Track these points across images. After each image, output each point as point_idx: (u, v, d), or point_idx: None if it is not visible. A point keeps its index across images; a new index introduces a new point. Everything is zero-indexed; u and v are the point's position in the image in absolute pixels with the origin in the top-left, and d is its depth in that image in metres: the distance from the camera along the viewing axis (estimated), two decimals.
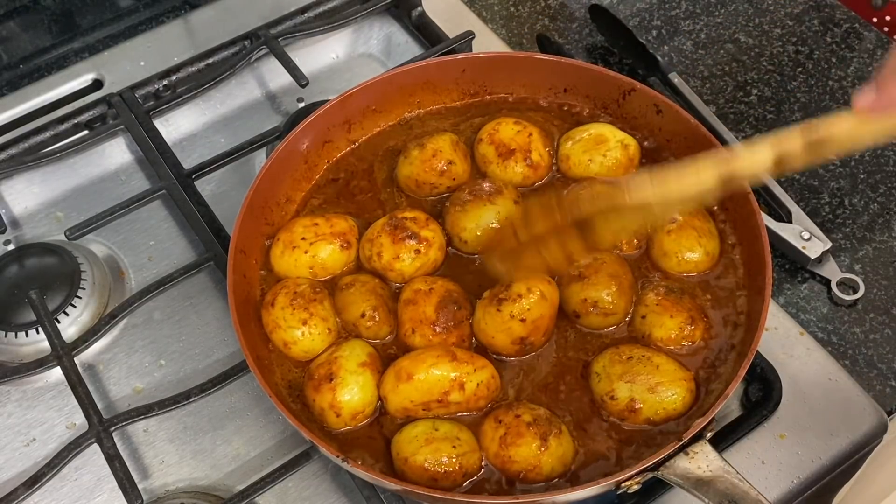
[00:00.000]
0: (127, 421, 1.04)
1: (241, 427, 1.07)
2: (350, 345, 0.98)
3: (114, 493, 1.01)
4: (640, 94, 1.12)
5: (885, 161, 1.26)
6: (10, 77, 1.39)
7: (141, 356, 1.13)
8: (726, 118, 1.31)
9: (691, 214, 1.05)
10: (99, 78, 1.38)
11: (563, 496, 0.88)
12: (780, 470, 1.02)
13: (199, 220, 1.19)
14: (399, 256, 1.03)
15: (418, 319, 0.99)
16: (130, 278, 1.20)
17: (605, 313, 1.00)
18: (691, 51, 1.39)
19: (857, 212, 1.22)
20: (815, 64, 1.37)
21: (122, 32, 1.44)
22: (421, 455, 0.91)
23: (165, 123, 1.32)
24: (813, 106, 1.32)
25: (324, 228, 1.06)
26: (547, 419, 0.93)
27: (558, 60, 1.16)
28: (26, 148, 1.28)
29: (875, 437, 1.04)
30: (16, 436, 1.08)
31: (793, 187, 1.24)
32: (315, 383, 0.96)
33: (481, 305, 1.00)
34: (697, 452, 0.88)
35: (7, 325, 1.12)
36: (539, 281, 0.98)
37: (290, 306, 1.00)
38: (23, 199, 1.27)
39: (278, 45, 1.33)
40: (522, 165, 1.11)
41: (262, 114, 1.35)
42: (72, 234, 1.18)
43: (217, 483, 1.04)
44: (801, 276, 1.17)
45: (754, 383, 1.08)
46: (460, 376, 0.94)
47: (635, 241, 1.06)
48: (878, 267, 1.17)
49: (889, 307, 1.14)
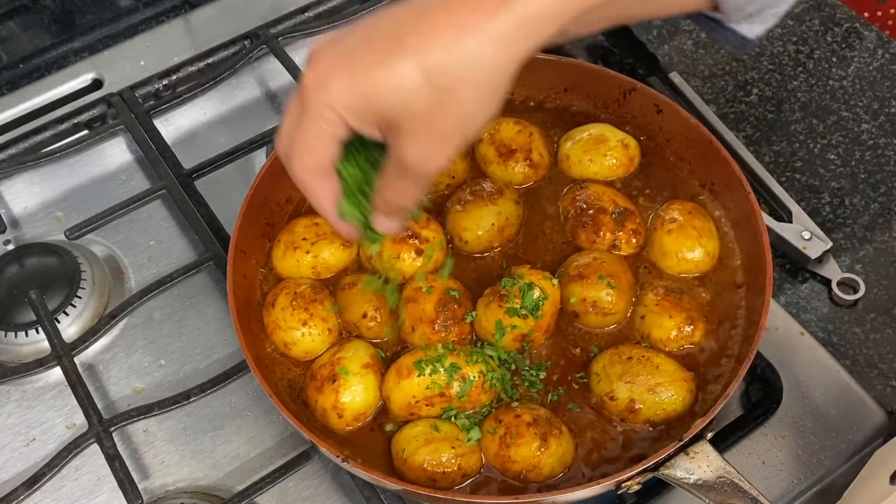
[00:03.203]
0: (127, 421, 1.04)
1: (241, 427, 1.07)
2: (352, 346, 0.98)
3: (114, 493, 1.01)
4: (641, 94, 1.12)
5: (885, 161, 1.26)
6: (10, 77, 1.39)
7: (141, 356, 1.13)
8: (726, 118, 1.31)
9: (691, 214, 1.05)
10: (99, 78, 1.38)
11: (563, 496, 0.88)
12: (780, 470, 1.02)
13: (199, 220, 1.19)
14: (400, 256, 1.03)
15: (418, 317, 0.99)
16: (130, 278, 1.20)
17: (605, 313, 1.00)
18: (692, 50, 1.39)
19: (858, 212, 1.22)
20: (816, 63, 1.37)
21: (122, 32, 1.44)
22: (420, 455, 0.91)
23: (165, 123, 1.32)
24: (813, 105, 1.32)
25: (324, 228, 1.06)
26: (547, 419, 0.93)
27: (558, 60, 1.16)
28: (26, 148, 1.28)
29: (875, 437, 1.04)
30: (16, 436, 1.08)
31: (793, 187, 1.24)
32: (317, 384, 0.96)
33: (482, 303, 1.00)
34: (698, 452, 0.88)
35: (7, 325, 1.12)
36: (540, 279, 0.98)
37: (291, 307, 1.00)
38: (23, 198, 1.27)
39: (278, 45, 1.33)
40: (523, 165, 1.11)
41: (262, 114, 1.35)
42: (72, 234, 1.18)
43: (217, 483, 1.04)
44: (802, 276, 1.17)
45: (755, 383, 1.08)
46: (462, 372, 0.94)
47: (635, 240, 1.06)
48: (878, 267, 1.17)
49: (889, 307, 1.14)
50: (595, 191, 1.08)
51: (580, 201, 1.07)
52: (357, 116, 0.73)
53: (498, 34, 0.69)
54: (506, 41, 0.69)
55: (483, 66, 0.70)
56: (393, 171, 0.77)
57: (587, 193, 1.08)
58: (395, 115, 0.71)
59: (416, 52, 0.69)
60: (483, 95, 0.72)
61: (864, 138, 1.28)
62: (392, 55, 0.70)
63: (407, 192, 0.79)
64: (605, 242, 1.05)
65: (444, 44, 0.69)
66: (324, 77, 0.72)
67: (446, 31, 0.69)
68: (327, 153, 0.76)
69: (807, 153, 1.28)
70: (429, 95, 0.70)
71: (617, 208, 1.06)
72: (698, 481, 0.86)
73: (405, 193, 0.80)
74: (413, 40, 0.70)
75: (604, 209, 1.06)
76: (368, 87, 0.71)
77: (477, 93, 0.71)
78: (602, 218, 1.05)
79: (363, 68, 0.71)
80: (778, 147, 1.28)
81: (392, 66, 0.70)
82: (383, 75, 0.70)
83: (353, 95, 0.71)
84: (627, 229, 1.05)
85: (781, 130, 1.30)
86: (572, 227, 1.07)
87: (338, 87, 0.72)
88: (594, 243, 1.05)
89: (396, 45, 0.70)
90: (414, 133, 0.72)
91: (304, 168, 0.78)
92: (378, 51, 0.71)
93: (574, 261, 1.03)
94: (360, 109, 0.72)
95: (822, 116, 1.31)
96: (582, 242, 1.06)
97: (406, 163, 0.75)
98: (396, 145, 0.74)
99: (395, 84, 0.70)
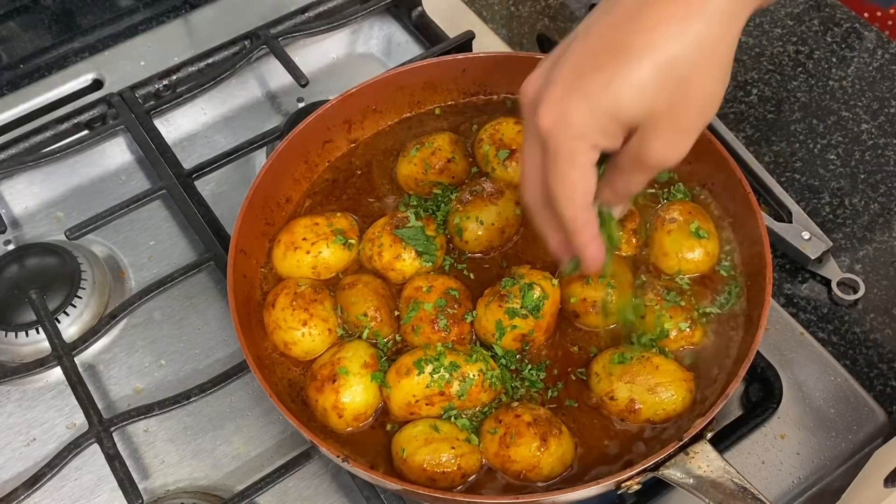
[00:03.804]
0: (127, 421, 1.04)
1: (241, 427, 1.07)
2: (353, 346, 0.98)
3: (114, 493, 1.01)
4: None
5: (885, 161, 1.26)
6: (11, 77, 1.39)
7: (141, 356, 1.13)
8: (726, 118, 1.31)
9: (691, 214, 1.05)
10: (99, 78, 1.38)
11: (563, 496, 0.88)
12: (780, 470, 1.02)
13: (199, 220, 1.19)
14: (399, 256, 1.04)
15: (419, 317, 0.99)
16: (130, 278, 1.20)
17: (605, 313, 1.00)
18: None
19: (858, 212, 1.22)
20: (816, 64, 1.37)
21: (122, 32, 1.44)
22: (420, 455, 0.91)
23: (165, 123, 1.32)
24: (813, 106, 1.32)
25: (324, 228, 1.06)
26: (547, 419, 0.93)
27: None
28: (26, 148, 1.28)
29: (875, 437, 1.04)
30: (16, 436, 1.08)
31: (793, 187, 1.24)
32: (318, 384, 0.96)
33: (482, 303, 1.00)
34: (698, 452, 0.88)
35: (7, 325, 1.12)
36: (540, 279, 0.98)
37: (291, 307, 1.00)
38: (23, 198, 1.28)
39: (278, 45, 1.33)
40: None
41: (262, 114, 1.35)
42: (72, 234, 1.19)
43: (217, 483, 1.04)
44: (802, 276, 1.17)
45: (754, 383, 1.08)
46: (461, 371, 0.94)
47: (635, 240, 1.06)
48: (878, 267, 1.17)
49: (889, 307, 1.14)
50: None
51: None
52: (605, 135, 0.72)
53: (719, 12, 0.69)
54: (728, 16, 0.70)
55: (714, 46, 0.70)
56: (629, 165, 0.76)
57: None
58: (639, 118, 0.71)
59: (646, 51, 0.69)
60: (719, 74, 0.72)
61: (864, 138, 1.28)
62: (624, 64, 0.69)
63: (639, 183, 0.80)
64: None
65: (673, 35, 0.69)
66: (562, 112, 0.72)
67: (670, 23, 0.69)
68: (591, 184, 0.76)
69: (807, 153, 1.28)
70: (669, 90, 0.70)
71: None
72: (698, 481, 0.86)
73: (637, 184, 0.80)
74: (639, 41, 0.69)
75: None
76: (610, 103, 0.70)
77: (713, 74, 0.72)
78: None
79: (599, 88, 0.70)
80: (778, 147, 1.28)
81: (628, 74, 0.69)
82: (622, 86, 0.70)
83: (598, 118, 0.71)
84: (627, 229, 1.05)
85: (781, 130, 1.30)
86: None
87: (580, 116, 0.71)
88: None
89: (623, 51, 0.70)
90: (657, 130, 0.72)
91: (577, 207, 0.77)
92: (606, 65, 0.70)
93: None
94: (607, 127, 0.72)
95: (821, 116, 1.31)
96: None
97: (648, 159, 0.74)
98: (637, 144, 0.74)
99: (636, 90, 0.70)
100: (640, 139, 0.73)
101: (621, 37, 0.70)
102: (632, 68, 0.69)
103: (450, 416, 0.95)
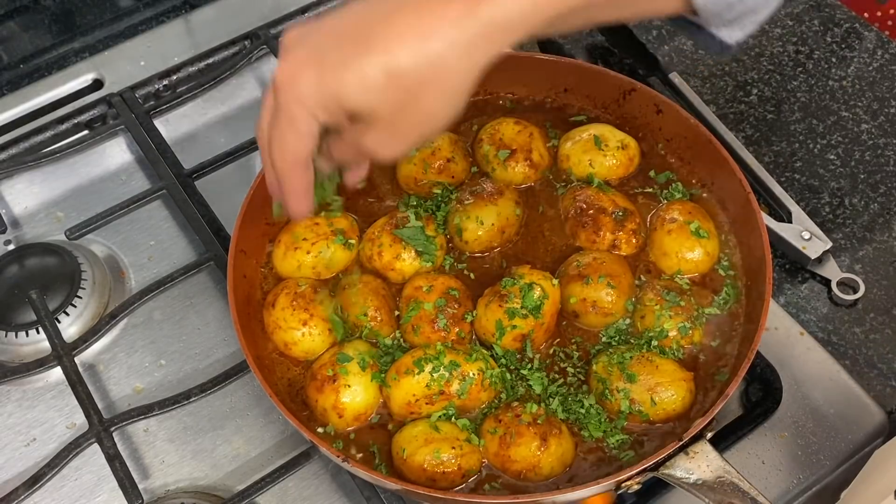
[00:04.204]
0: (127, 421, 1.04)
1: (241, 427, 1.07)
2: (353, 346, 0.98)
3: (114, 493, 1.01)
4: (641, 94, 1.12)
5: (885, 161, 1.26)
6: (10, 77, 1.39)
7: (141, 356, 1.13)
8: (726, 118, 1.31)
9: (691, 214, 1.05)
10: (99, 78, 1.38)
11: (563, 496, 0.89)
12: (780, 470, 1.02)
13: (199, 220, 1.19)
14: (399, 256, 1.04)
15: (419, 316, 0.99)
16: (130, 278, 1.20)
17: (605, 313, 1.01)
18: (691, 50, 1.39)
19: (858, 212, 1.22)
20: (816, 64, 1.37)
21: (122, 32, 1.44)
22: (420, 455, 0.91)
23: (165, 123, 1.32)
24: (813, 106, 1.33)
25: (324, 227, 1.06)
26: (547, 419, 0.93)
27: (558, 60, 1.16)
28: (26, 148, 1.28)
29: (875, 437, 1.04)
30: (16, 436, 1.08)
31: (793, 187, 1.24)
32: (318, 384, 0.96)
33: (482, 303, 1.00)
34: (698, 452, 0.88)
35: (7, 325, 1.12)
36: (540, 279, 0.98)
37: (291, 307, 1.00)
38: (23, 199, 1.27)
39: (278, 45, 1.33)
40: (523, 165, 1.11)
41: None
42: (72, 234, 1.19)
43: (217, 483, 1.04)
44: (802, 276, 1.17)
45: (754, 383, 1.08)
46: (461, 370, 0.94)
47: (634, 240, 1.06)
48: (878, 267, 1.17)
49: (889, 307, 1.14)
50: (595, 191, 1.08)
51: (580, 201, 1.07)
52: (326, 112, 0.75)
53: (462, 41, 0.71)
54: (469, 48, 0.72)
55: (446, 70, 0.72)
56: (346, 142, 0.80)
57: (587, 193, 1.08)
58: (359, 111, 0.74)
59: (382, 54, 0.71)
60: (445, 98, 0.75)
61: (864, 138, 1.28)
62: (359, 57, 0.72)
63: (355, 161, 0.86)
64: (604, 242, 1.05)
65: (411, 48, 0.71)
66: (294, 74, 0.75)
67: (412, 35, 0.71)
68: (303, 148, 0.79)
69: (806, 153, 1.28)
70: (392, 97, 0.73)
71: (617, 208, 1.06)
72: (698, 481, 0.86)
73: (353, 161, 0.86)
74: (380, 43, 0.72)
75: (604, 209, 1.06)
76: (336, 86, 0.73)
77: (438, 95, 0.74)
78: (602, 218, 1.05)
79: (332, 68, 0.73)
80: (778, 147, 1.28)
81: (359, 68, 0.72)
82: (350, 76, 0.72)
83: (322, 93, 0.74)
84: (627, 229, 1.05)
85: (781, 131, 1.30)
86: (572, 227, 1.07)
87: (307, 87, 0.74)
88: (594, 243, 1.05)
89: (364, 46, 0.72)
90: (375, 127, 0.76)
91: (287, 164, 0.80)
92: (346, 51, 0.73)
93: (574, 261, 1.03)
94: (328, 106, 0.74)
95: (821, 116, 1.31)
96: (582, 242, 1.06)
97: (362, 147, 0.78)
98: (355, 130, 0.77)
99: (361, 85, 0.72)
100: (357, 128, 0.77)
101: (370, 31, 0.73)
102: (363, 64, 0.72)
103: (450, 417, 0.95)
